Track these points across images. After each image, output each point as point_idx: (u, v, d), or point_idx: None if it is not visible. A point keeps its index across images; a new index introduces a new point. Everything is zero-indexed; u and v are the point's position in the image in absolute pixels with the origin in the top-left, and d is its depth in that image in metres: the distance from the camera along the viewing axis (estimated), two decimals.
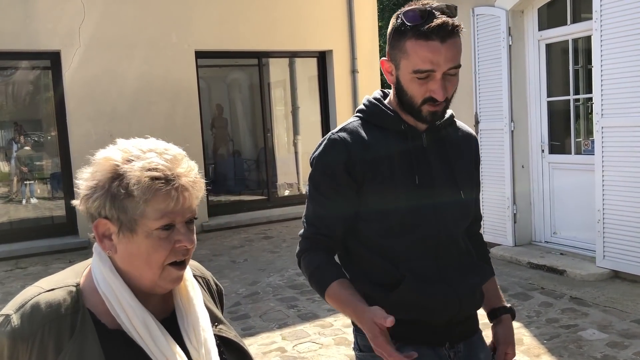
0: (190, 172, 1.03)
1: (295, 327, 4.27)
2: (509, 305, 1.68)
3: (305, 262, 1.52)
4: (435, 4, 1.40)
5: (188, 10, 7.84)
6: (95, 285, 1.04)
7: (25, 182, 7.99)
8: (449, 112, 1.57)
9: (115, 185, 0.98)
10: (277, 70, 9.63)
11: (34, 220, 7.79)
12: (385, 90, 1.60)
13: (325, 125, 9.26)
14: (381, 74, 8.32)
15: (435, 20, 1.35)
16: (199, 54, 8.04)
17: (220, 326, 1.17)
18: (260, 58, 8.83)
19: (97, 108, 7.31)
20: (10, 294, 5.44)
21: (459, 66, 1.41)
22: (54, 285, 1.03)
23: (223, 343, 1.14)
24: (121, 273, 1.04)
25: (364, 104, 1.56)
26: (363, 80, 9.04)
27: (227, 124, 9.75)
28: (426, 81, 1.39)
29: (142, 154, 1.01)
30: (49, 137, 7.97)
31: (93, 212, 1.02)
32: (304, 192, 9.34)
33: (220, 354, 1.12)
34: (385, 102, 1.54)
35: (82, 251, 7.03)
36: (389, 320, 1.26)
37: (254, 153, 9.75)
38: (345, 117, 9.08)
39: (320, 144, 1.52)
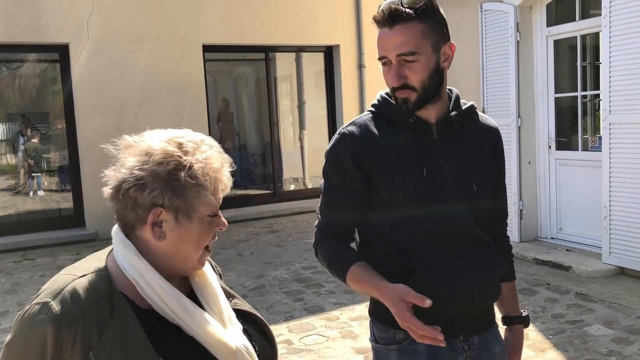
0: (229, 161, 1.13)
1: (302, 320, 4.30)
2: (525, 313, 1.69)
3: (322, 251, 1.55)
4: None
5: (196, 4, 7.86)
6: (122, 270, 1.07)
7: (32, 175, 8.05)
8: (468, 104, 1.58)
9: (182, 176, 1.04)
10: (284, 64, 9.63)
11: (42, 213, 7.84)
12: None
13: (332, 120, 9.27)
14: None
15: (381, 8, 1.42)
16: (207, 48, 8.06)
17: (235, 300, 1.23)
18: (267, 52, 8.84)
19: (105, 101, 7.34)
20: (18, 284, 5.50)
21: (413, 53, 1.41)
22: (84, 272, 1.06)
23: (240, 316, 1.20)
24: (148, 256, 1.08)
25: (377, 99, 1.59)
26: (370, 75, 9.04)
27: (234, 118, 9.77)
28: (388, 68, 1.45)
29: (196, 146, 1.08)
30: (56, 130, 8.01)
31: (144, 202, 1.04)
32: (309, 187, 9.37)
33: (240, 324, 1.17)
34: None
35: (90, 243, 7.08)
36: (428, 302, 1.29)
37: (260, 147, 9.78)
38: (352, 112, 9.14)
39: (332, 140, 1.56)
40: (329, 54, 9.15)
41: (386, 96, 1.55)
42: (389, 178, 1.47)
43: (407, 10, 1.40)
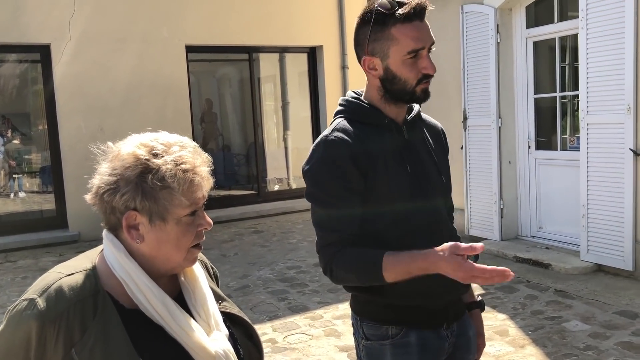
0: (207, 161, 1.14)
1: (286, 319, 4.33)
2: (479, 299, 1.80)
3: (340, 263, 1.48)
4: None
5: (179, 5, 7.85)
6: (110, 270, 1.10)
7: (13, 176, 7.97)
8: (416, 106, 1.66)
9: (149, 179, 1.05)
10: (268, 65, 9.65)
11: (23, 214, 7.78)
12: (357, 90, 1.67)
13: (315, 121, 9.31)
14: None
15: (410, 3, 1.46)
16: (190, 49, 8.06)
17: (224, 303, 1.25)
18: (251, 53, 8.86)
19: (87, 102, 7.30)
20: (0, 286, 5.46)
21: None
22: (72, 270, 1.09)
23: (228, 319, 1.22)
24: (135, 257, 1.10)
25: (341, 105, 1.62)
26: (353, 76, 9.10)
27: (217, 119, 9.76)
28: (415, 60, 1.49)
29: (167, 148, 1.09)
30: (37, 131, 7.94)
31: (119, 206, 1.07)
32: (294, 187, 9.40)
33: (227, 328, 1.20)
34: (363, 99, 1.60)
35: (73, 245, 7.04)
36: (480, 246, 1.28)
37: (243, 148, 9.78)
38: None
39: (316, 151, 1.52)
40: (313, 54, 9.19)
41: (354, 100, 1.59)
42: (381, 178, 1.52)
43: (428, 3, 1.50)
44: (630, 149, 4.68)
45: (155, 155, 1.07)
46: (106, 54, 7.39)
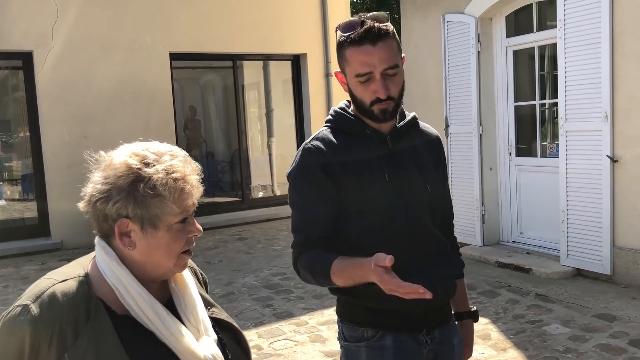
0: (197, 170, 1.17)
1: (271, 325, 4.35)
2: (473, 309, 1.82)
3: (302, 264, 1.58)
4: (369, 14, 1.54)
5: (163, 13, 7.86)
6: (102, 276, 1.13)
7: None
8: (410, 114, 1.71)
9: (140, 188, 1.09)
10: (252, 72, 9.69)
11: (4, 222, 7.68)
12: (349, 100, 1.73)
13: (300, 128, 9.36)
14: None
15: (364, 26, 1.50)
16: (174, 56, 8.07)
17: (213, 309, 1.29)
18: (235, 60, 8.89)
19: (70, 109, 7.27)
20: None
21: (396, 66, 1.53)
22: (65, 277, 1.12)
23: (216, 324, 1.26)
24: (126, 264, 1.14)
25: (330, 114, 1.69)
26: (337, 84, 9.08)
27: (201, 126, 9.77)
28: (368, 83, 1.53)
29: (158, 157, 1.12)
30: (18, 138, 7.87)
31: (111, 214, 1.10)
32: (278, 194, 9.42)
33: (216, 333, 1.23)
34: (350, 110, 1.67)
35: (55, 253, 6.99)
36: (389, 259, 1.30)
37: (227, 155, 9.79)
38: (320, 120, 9.22)
39: (296, 157, 1.63)
40: (297, 62, 9.25)
41: (341, 111, 1.66)
42: (355, 186, 1.57)
43: (389, 28, 1.52)
44: (607, 155, 4.80)
45: (147, 165, 1.11)
46: (90, 61, 7.37)
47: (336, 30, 1.56)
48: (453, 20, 6.17)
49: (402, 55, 1.59)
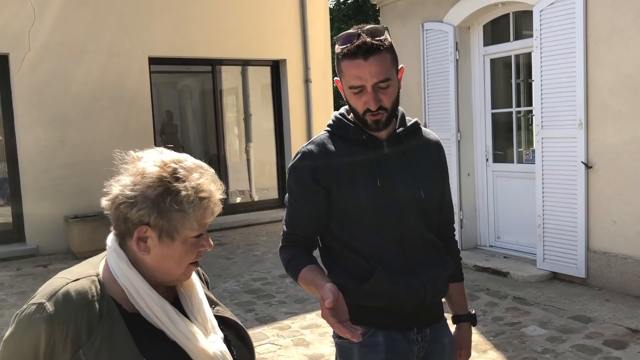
0: (221, 188, 1.21)
1: (254, 329, 4.36)
2: (472, 312, 1.87)
3: (282, 257, 1.70)
4: (366, 27, 1.59)
5: (142, 17, 7.82)
6: (113, 277, 1.16)
7: None
8: (412, 120, 1.76)
9: (167, 200, 1.12)
10: (230, 77, 9.68)
11: None
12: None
13: (279, 133, 9.38)
14: (334, 84, 8.49)
15: (357, 41, 1.55)
16: (153, 60, 8.02)
17: (217, 307, 1.33)
18: (214, 65, 8.88)
19: (47, 113, 7.17)
20: None
21: (387, 79, 1.58)
22: (77, 276, 1.14)
23: (221, 322, 1.30)
24: (136, 266, 1.17)
25: (331, 119, 1.75)
26: (316, 89, 9.23)
27: (178, 130, 9.71)
28: (360, 95, 1.59)
29: (188, 174, 1.16)
30: None
31: (133, 219, 1.13)
32: (256, 199, 9.42)
33: (221, 330, 1.27)
34: (349, 116, 1.72)
35: (31, 258, 6.87)
36: (328, 302, 1.36)
37: (205, 160, 9.67)
38: (299, 125, 9.26)
39: (295, 156, 1.71)
40: (276, 68, 9.28)
41: (340, 117, 1.72)
42: (347, 190, 1.63)
43: (381, 44, 1.56)
44: (582, 161, 4.94)
45: (177, 179, 1.14)
46: (67, 65, 7.29)
47: (336, 42, 1.61)
48: (432, 28, 6.28)
49: (400, 66, 1.64)
